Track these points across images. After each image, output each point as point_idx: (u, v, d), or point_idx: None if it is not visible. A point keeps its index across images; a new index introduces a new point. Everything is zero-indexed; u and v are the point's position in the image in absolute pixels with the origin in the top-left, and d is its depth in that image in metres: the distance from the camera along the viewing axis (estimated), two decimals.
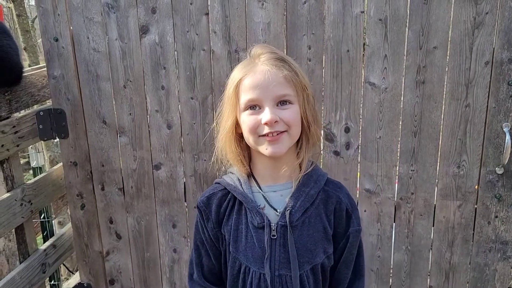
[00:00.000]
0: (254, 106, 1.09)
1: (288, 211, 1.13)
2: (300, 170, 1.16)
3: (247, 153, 1.20)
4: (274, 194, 1.17)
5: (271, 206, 1.16)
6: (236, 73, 1.13)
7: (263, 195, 1.17)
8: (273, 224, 1.14)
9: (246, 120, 1.10)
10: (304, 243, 1.15)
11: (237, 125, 1.15)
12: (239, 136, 1.16)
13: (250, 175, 1.20)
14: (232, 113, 1.14)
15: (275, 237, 1.14)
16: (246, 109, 1.10)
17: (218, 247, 1.24)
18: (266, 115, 1.06)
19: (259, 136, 1.10)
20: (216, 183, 1.25)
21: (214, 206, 1.21)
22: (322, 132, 1.73)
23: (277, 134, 1.08)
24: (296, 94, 1.10)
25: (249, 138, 1.12)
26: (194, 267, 1.28)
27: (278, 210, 1.15)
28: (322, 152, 1.32)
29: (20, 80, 1.87)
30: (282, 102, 1.09)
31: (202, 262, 1.27)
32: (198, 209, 1.24)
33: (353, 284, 1.23)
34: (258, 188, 1.18)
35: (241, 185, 1.18)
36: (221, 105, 1.19)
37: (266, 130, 1.07)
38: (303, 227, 1.15)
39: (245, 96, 1.09)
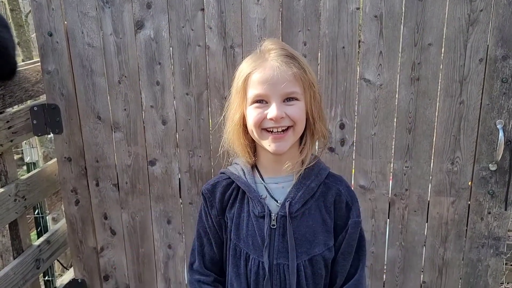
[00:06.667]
0: (261, 101, 1.12)
1: (288, 202, 1.16)
2: (303, 164, 1.18)
3: (253, 145, 1.22)
4: (276, 186, 1.20)
5: (272, 197, 1.19)
6: (246, 67, 1.15)
7: (265, 186, 1.20)
8: (273, 214, 1.17)
9: (252, 113, 1.12)
10: (303, 233, 1.17)
11: (244, 117, 1.17)
12: (247, 128, 1.18)
13: (254, 166, 1.23)
14: (240, 106, 1.16)
15: (275, 227, 1.17)
16: (253, 103, 1.13)
17: (221, 236, 1.26)
18: (272, 110, 1.09)
19: (262, 129, 1.12)
20: (221, 173, 1.27)
21: (218, 193, 1.23)
22: (328, 127, 1.74)
23: (282, 132, 1.11)
24: (303, 91, 1.12)
25: (253, 131, 1.14)
26: (196, 255, 1.30)
27: (278, 201, 1.18)
28: (324, 147, 1.33)
29: (14, 75, 1.86)
30: (288, 99, 1.11)
31: (204, 251, 1.29)
32: (203, 196, 1.26)
33: (352, 277, 1.23)
34: (261, 179, 1.21)
35: (244, 175, 1.21)
36: (229, 97, 1.21)
37: (271, 124, 1.10)
38: (302, 218, 1.17)
39: (253, 91, 1.11)
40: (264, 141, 1.13)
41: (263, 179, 1.21)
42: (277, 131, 1.11)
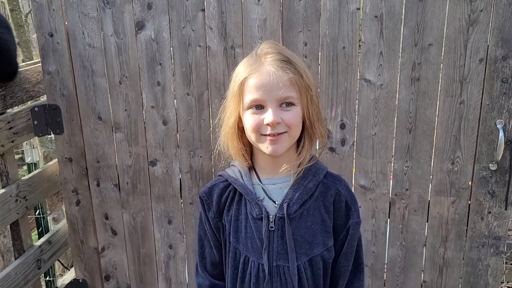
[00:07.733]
0: (257, 106, 1.12)
1: (286, 203, 1.16)
2: (300, 166, 1.18)
3: (249, 147, 1.22)
4: (274, 187, 1.20)
5: (270, 198, 1.19)
6: (242, 71, 1.14)
7: (262, 187, 1.20)
8: (271, 216, 1.17)
9: (249, 118, 1.13)
10: (301, 234, 1.17)
11: (239, 121, 1.17)
12: (242, 131, 1.19)
13: (251, 168, 1.23)
14: (236, 110, 1.16)
15: (273, 229, 1.17)
16: (249, 107, 1.13)
17: (219, 238, 1.26)
18: (269, 116, 1.09)
19: (261, 134, 1.12)
20: (219, 175, 1.28)
21: (215, 196, 1.24)
22: (326, 128, 1.74)
23: (278, 134, 1.11)
24: (300, 96, 1.12)
25: (251, 136, 1.15)
26: (198, 258, 1.32)
27: (276, 202, 1.18)
28: (323, 147, 1.33)
29: (15, 76, 1.86)
30: (285, 104, 1.11)
31: (205, 253, 1.30)
32: (200, 199, 1.27)
33: (355, 276, 1.25)
34: (258, 180, 1.21)
35: (242, 177, 1.21)
36: (224, 100, 1.21)
37: (268, 130, 1.10)
38: (301, 219, 1.17)
39: (250, 96, 1.11)
40: (262, 144, 1.13)
41: (260, 180, 1.21)
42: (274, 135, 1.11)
